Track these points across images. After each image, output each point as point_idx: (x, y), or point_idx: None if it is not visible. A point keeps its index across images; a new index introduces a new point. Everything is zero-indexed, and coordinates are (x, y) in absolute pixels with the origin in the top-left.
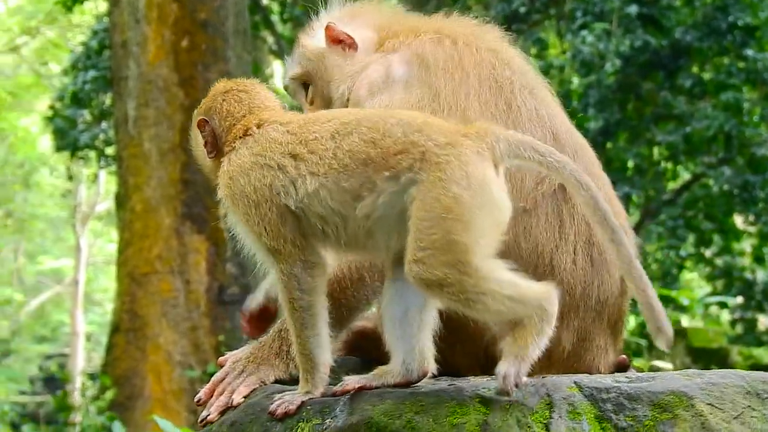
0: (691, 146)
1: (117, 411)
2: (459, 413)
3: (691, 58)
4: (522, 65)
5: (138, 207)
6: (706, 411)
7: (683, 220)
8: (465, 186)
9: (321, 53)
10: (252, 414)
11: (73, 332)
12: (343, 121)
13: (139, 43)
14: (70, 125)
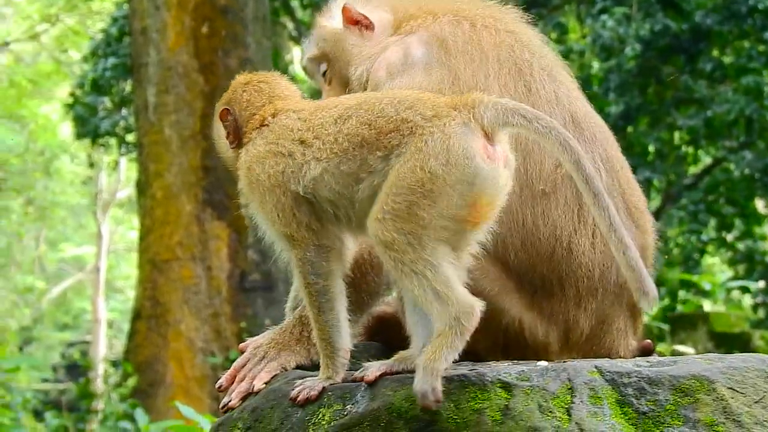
0: (712, 130)
1: (139, 398)
2: (480, 398)
3: (711, 42)
4: (541, 47)
5: (159, 194)
6: (728, 395)
7: (704, 205)
8: (443, 161)
9: (338, 34)
10: (273, 400)
11: (95, 319)
12: (347, 106)
13: (158, 30)
14: (90, 112)
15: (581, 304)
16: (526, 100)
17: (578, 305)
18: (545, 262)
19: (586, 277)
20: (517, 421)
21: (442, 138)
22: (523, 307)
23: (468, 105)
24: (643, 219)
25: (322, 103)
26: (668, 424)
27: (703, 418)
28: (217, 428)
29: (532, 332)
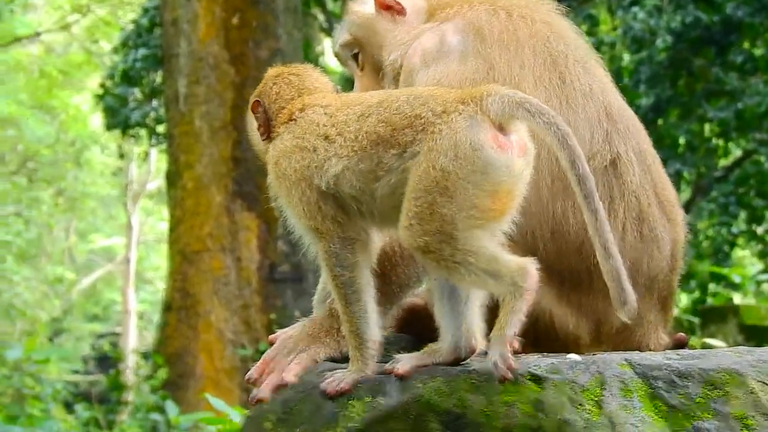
0: (743, 122)
1: (169, 390)
2: (511, 391)
3: (742, 34)
4: (575, 39)
5: (189, 185)
6: (758, 388)
7: (735, 197)
8: (452, 157)
9: (370, 19)
10: (303, 392)
11: (125, 311)
12: (369, 103)
13: (189, 21)
14: (121, 103)
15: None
16: (560, 91)
17: (607, 298)
18: (574, 254)
19: None
20: (547, 413)
21: (449, 134)
22: (552, 299)
23: (476, 98)
24: (675, 212)
25: (349, 98)
26: (698, 417)
27: (733, 411)
28: (249, 421)
29: (562, 325)
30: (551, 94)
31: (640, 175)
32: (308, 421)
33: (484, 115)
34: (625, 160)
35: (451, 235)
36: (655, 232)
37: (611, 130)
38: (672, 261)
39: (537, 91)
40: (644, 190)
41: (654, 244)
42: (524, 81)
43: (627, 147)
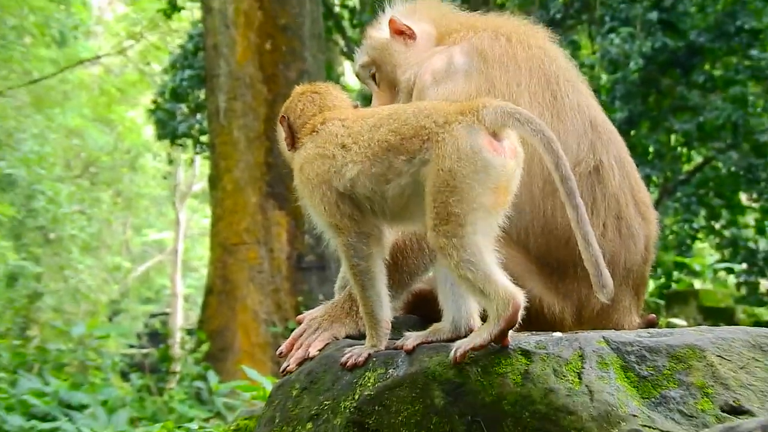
0: (704, 133)
1: (211, 362)
2: (504, 363)
3: (703, 57)
4: (565, 62)
5: (228, 187)
6: (716, 362)
7: (696, 198)
8: (456, 158)
9: (385, 43)
10: (326, 365)
11: (174, 294)
12: (381, 116)
13: (228, 46)
14: (169, 117)
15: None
16: (551, 106)
17: (589, 285)
18: (561, 248)
19: None
20: (535, 383)
21: (452, 140)
22: (543, 288)
23: (473, 109)
24: (649, 212)
25: (363, 112)
26: (665, 386)
27: (695, 381)
28: (278, 389)
29: (550, 309)
30: (544, 109)
31: (619, 180)
32: (329, 389)
33: (481, 124)
34: (607, 166)
35: (462, 239)
36: (631, 229)
37: (595, 140)
38: (645, 254)
39: (532, 106)
40: (623, 192)
41: (630, 240)
42: (521, 97)
43: (609, 155)
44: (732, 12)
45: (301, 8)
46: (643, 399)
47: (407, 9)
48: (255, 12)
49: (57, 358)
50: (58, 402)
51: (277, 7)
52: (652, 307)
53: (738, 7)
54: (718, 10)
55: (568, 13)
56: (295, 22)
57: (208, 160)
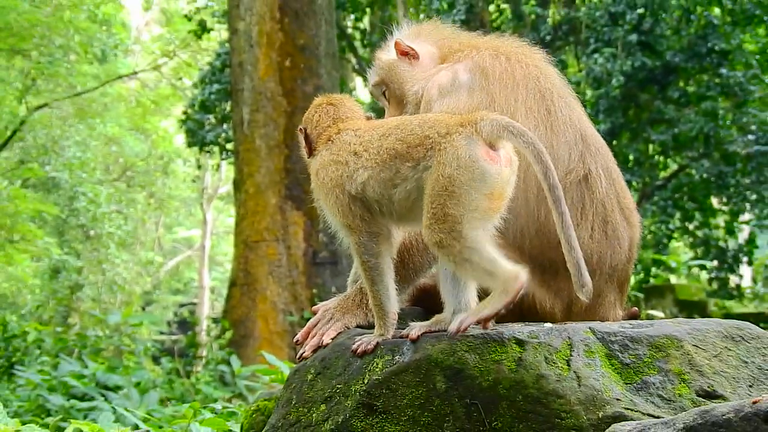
0: (678, 144)
1: (234, 347)
2: (499, 351)
3: (678, 75)
4: (559, 80)
5: (251, 190)
6: (692, 351)
7: (672, 201)
8: (455, 166)
9: (392, 63)
10: (338, 352)
11: (201, 286)
12: (389, 126)
13: (252, 63)
14: (198, 126)
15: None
16: (546, 120)
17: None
18: (554, 249)
19: (586, 261)
20: (527, 369)
21: (452, 150)
22: (536, 285)
23: (472, 122)
24: (633, 217)
25: (374, 123)
26: (646, 373)
27: (673, 368)
28: (294, 373)
29: (542, 304)
30: (539, 122)
31: (606, 187)
32: (341, 374)
33: (478, 135)
34: (595, 175)
35: (460, 233)
36: (617, 232)
37: (585, 151)
38: (629, 255)
39: (528, 119)
40: (609, 198)
41: (616, 241)
42: (518, 111)
43: (597, 165)
44: (704, 35)
45: (318, 30)
46: (626, 384)
47: (411, 31)
48: (276, 33)
49: (95, 344)
50: (95, 383)
51: (296, 29)
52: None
53: (709, 30)
54: (692, 32)
55: (557, 35)
56: (312, 43)
57: (232, 165)
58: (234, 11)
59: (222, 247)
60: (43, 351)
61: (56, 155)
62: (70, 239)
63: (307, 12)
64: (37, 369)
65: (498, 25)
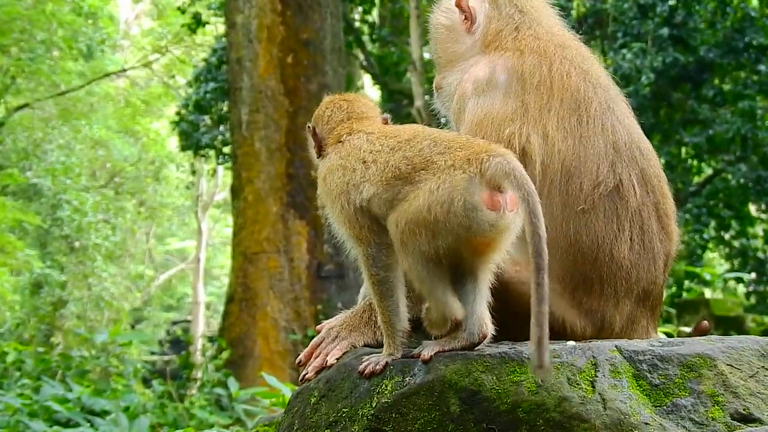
0: (713, 146)
1: (231, 368)
2: (518, 372)
3: (713, 72)
4: (606, 83)
5: (250, 197)
6: (727, 371)
7: (706, 209)
8: (446, 210)
9: (438, 26)
10: (344, 373)
11: (195, 302)
12: (401, 138)
13: (251, 60)
14: (193, 128)
15: (618, 305)
16: (576, 131)
17: (616, 305)
18: (588, 265)
19: (624, 278)
20: (549, 391)
21: (449, 189)
22: (566, 307)
23: (479, 159)
24: (671, 226)
25: (388, 129)
26: (676, 394)
27: (705, 390)
28: (297, 396)
29: (573, 328)
30: (567, 134)
31: (641, 195)
32: (347, 397)
33: (482, 177)
34: (627, 184)
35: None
36: (653, 243)
37: (616, 160)
38: (663, 275)
39: (558, 131)
40: (646, 207)
41: (651, 256)
42: (549, 122)
43: (630, 173)
44: (740, 28)
45: (323, 23)
46: (655, 407)
47: None
48: (277, 27)
49: (80, 365)
50: (80, 408)
51: (299, 22)
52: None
53: (746, 24)
54: (727, 26)
55: (582, 28)
56: (316, 37)
57: (230, 170)
58: (232, 3)
59: (218, 260)
60: (23, 373)
61: (38, 160)
62: (53, 251)
63: (311, 4)
64: (17, 392)
65: None
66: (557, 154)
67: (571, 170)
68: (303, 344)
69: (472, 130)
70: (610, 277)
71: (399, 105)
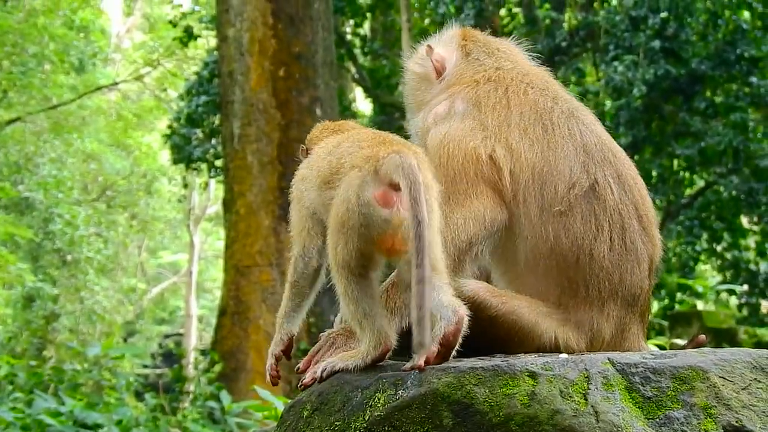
0: (705, 158)
1: (224, 382)
2: (511, 385)
3: (705, 85)
4: (566, 97)
5: (242, 210)
6: (719, 383)
7: (698, 221)
8: (345, 209)
9: (410, 74)
10: (336, 386)
11: (188, 315)
12: (334, 143)
13: (243, 73)
14: (185, 142)
15: (604, 309)
16: (542, 138)
17: (601, 310)
18: (571, 267)
19: (607, 279)
20: (542, 404)
21: (347, 188)
22: (557, 325)
23: (376, 157)
24: (652, 229)
25: (336, 138)
26: (669, 407)
27: (698, 402)
28: (289, 410)
29: (567, 344)
30: (533, 141)
31: (619, 194)
32: (340, 410)
33: (377, 174)
34: (603, 183)
35: (333, 266)
36: (635, 243)
37: (587, 161)
38: (650, 279)
39: (522, 141)
40: (625, 206)
41: (634, 256)
42: (511, 134)
43: (605, 173)
44: (732, 41)
45: (314, 36)
46: (648, 420)
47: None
48: (269, 40)
49: (72, 378)
50: (73, 422)
51: (291, 36)
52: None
53: (738, 36)
54: (719, 38)
55: (574, 41)
56: (308, 50)
57: (222, 184)
58: (223, 16)
59: (211, 273)
60: (16, 386)
61: (30, 173)
62: (46, 265)
63: (302, 17)
64: (9, 406)
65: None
66: (525, 162)
67: (544, 175)
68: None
69: (435, 154)
70: (592, 278)
71: (391, 118)
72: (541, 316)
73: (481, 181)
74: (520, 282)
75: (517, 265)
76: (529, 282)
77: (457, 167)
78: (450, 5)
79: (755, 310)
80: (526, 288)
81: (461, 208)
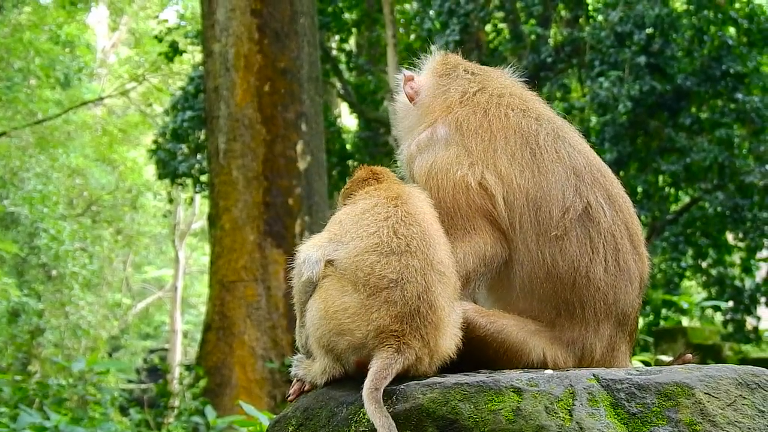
0: (691, 174)
1: (209, 397)
2: (496, 400)
3: (690, 101)
4: (549, 115)
5: (227, 225)
6: (705, 399)
7: (683, 237)
8: (326, 335)
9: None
10: (322, 401)
11: (173, 330)
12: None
13: (228, 88)
14: (170, 157)
15: (599, 329)
16: (531, 163)
17: (596, 330)
18: (568, 289)
19: (602, 300)
20: (527, 420)
21: (338, 329)
22: (547, 342)
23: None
24: (641, 247)
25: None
26: (654, 423)
27: (683, 418)
28: (274, 425)
29: (555, 361)
30: (524, 167)
31: (611, 216)
32: (325, 426)
33: (363, 348)
34: (596, 206)
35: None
36: (628, 263)
37: (579, 184)
38: (639, 298)
39: (512, 166)
40: (617, 227)
41: (627, 276)
42: (499, 161)
43: (596, 195)
44: (718, 56)
45: (300, 52)
46: None
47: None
48: (254, 56)
49: (57, 393)
50: None
51: (276, 51)
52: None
53: (723, 52)
54: (704, 54)
55: (559, 57)
56: (293, 66)
57: (207, 199)
58: (209, 32)
59: (196, 288)
60: (0, 401)
61: (15, 188)
62: (30, 279)
63: (288, 32)
64: None
65: (495, 47)
66: (518, 189)
67: (538, 200)
68: (281, 372)
69: (424, 185)
70: (589, 299)
71: (376, 134)
72: (529, 335)
73: (476, 214)
74: (515, 307)
75: (513, 291)
76: (523, 306)
77: (448, 199)
78: (435, 21)
79: (740, 326)
80: (521, 312)
81: (461, 244)
